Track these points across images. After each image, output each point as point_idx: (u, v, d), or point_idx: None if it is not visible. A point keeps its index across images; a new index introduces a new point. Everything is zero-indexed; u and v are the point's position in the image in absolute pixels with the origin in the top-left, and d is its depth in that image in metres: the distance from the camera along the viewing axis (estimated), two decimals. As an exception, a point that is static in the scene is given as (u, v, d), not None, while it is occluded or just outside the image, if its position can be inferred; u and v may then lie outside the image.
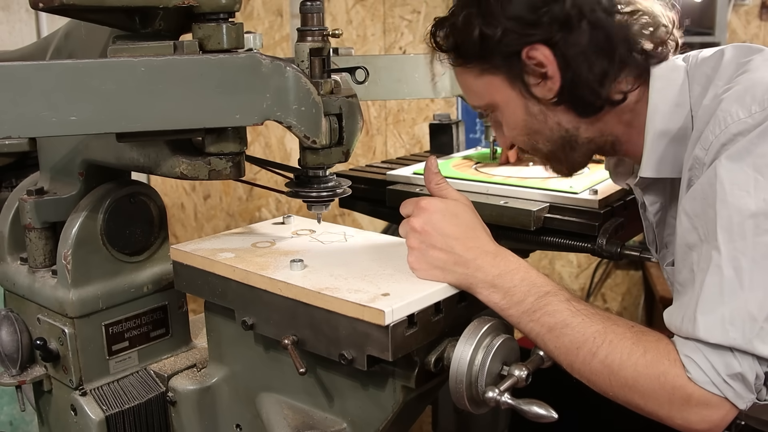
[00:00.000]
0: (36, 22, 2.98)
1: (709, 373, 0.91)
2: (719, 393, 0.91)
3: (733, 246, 0.92)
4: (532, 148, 1.23)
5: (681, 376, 0.92)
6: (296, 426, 1.13)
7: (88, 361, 1.24)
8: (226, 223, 3.68)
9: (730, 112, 0.98)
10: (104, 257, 1.25)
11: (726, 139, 0.97)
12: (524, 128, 1.20)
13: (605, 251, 1.33)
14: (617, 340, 0.96)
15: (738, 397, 0.91)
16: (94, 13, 1.02)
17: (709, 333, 0.91)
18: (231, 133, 1.04)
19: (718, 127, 0.99)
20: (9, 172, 1.67)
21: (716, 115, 0.99)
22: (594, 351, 0.97)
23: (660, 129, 1.13)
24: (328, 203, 1.18)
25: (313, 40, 1.10)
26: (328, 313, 0.99)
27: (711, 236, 0.95)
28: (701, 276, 0.94)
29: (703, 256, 0.96)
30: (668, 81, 1.13)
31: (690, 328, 0.93)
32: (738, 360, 0.90)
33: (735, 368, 0.90)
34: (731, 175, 0.94)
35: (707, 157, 0.99)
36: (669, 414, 0.94)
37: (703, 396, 0.91)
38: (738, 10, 2.93)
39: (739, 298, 0.91)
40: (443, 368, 1.03)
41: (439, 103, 3.38)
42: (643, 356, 0.94)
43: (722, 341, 0.90)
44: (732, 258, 0.92)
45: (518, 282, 1.03)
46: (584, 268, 3.35)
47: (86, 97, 0.91)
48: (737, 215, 0.92)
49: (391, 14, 3.41)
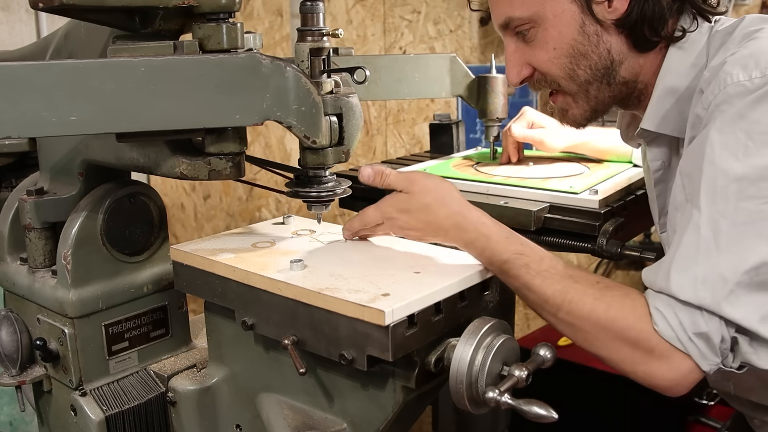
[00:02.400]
0: (36, 22, 2.98)
1: (675, 328, 0.92)
2: (682, 348, 0.92)
3: (715, 208, 0.93)
4: (568, 75, 1.17)
5: (646, 330, 0.94)
6: (296, 426, 1.13)
7: (88, 361, 1.24)
8: (226, 223, 3.68)
9: (731, 74, 0.99)
10: (104, 257, 1.25)
11: (722, 99, 0.98)
12: (570, 48, 1.15)
13: (605, 251, 1.33)
14: (578, 297, 0.99)
15: (702, 356, 0.92)
16: (94, 13, 1.02)
17: (680, 290, 0.92)
18: (231, 133, 1.04)
19: (717, 87, 0.99)
20: (9, 172, 1.66)
21: (718, 75, 1.00)
22: (555, 312, 1.01)
23: (669, 85, 1.14)
24: (328, 203, 1.18)
25: (313, 40, 1.10)
26: (328, 313, 0.99)
27: (694, 196, 0.96)
28: (680, 234, 0.96)
29: (685, 215, 0.97)
30: (691, 42, 1.14)
31: (663, 283, 0.94)
32: (705, 320, 0.92)
33: (701, 327, 0.91)
34: (722, 138, 0.95)
35: (705, 116, 1.00)
36: (632, 367, 0.96)
37: (667, 349, 0.93)
38: (738, 10, 2.93)
39: (713, 259, 0.92)
40: (443, 368, 1.03)
41: (439, 103, 3.38)
42: (605, 312, 0.97)
43: (691, 299, 0.92)
44: (712, 219, 0.93)
45: (479, 252, 1.07)
46: (584, 268, 3.35)
47: (86, 97, 0.91)
48: (722, 177, 0.93)
49: (391, 14, 3.41)
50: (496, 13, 1.20)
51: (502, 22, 1.19)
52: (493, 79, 1.76)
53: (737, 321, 0.92)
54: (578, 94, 1.19)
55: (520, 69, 1.20)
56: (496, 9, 1.20)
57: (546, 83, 1.21)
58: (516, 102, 2.11)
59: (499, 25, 1.21)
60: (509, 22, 1.18)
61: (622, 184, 1.48)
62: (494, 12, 1.21)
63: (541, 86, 1.22)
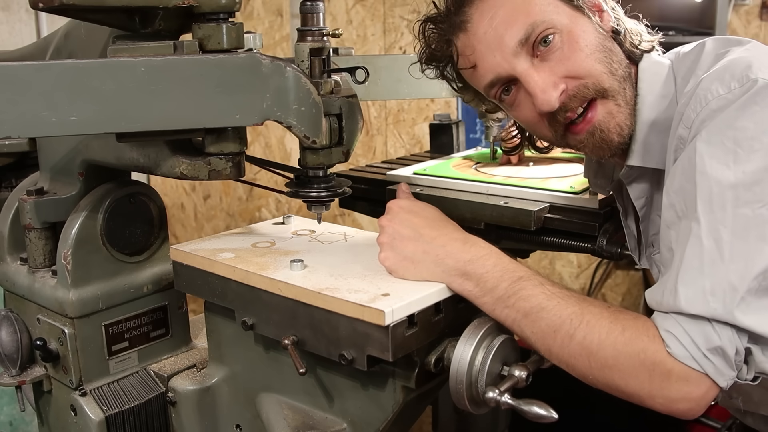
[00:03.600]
0: (36, 22, 2.98)
1: (689, 348, 0.90)
2: (699, 368, 0.90)
3: (713, 217, 0.92)
4: (608, 70, 1.12)
5: (660, 351, 0.91)
6: (296, 426, 1.13)
7: (88, 361, 1.24)
8: (226, 223, 3.68)
9: (710, 90, 0.99)
10: (104, 257, 1.25)
11: (706, 115, 0.98)
12: (599, 45, 1.13)
13: (605, 251, 1.33)
14: (594, 320, 0.96)
15: (718, 373, 0.90)
16: (94, 13, 1.02)
17: (690, 304, 0.90)
18: (231, 133, 1.04)
19: (699, 104, 0.99)
20: (9, 172, 1.66)
21: (696, 94, 1.00)
22: (572, 333, 0.96)
23: (647, 118, 1.14)
24: (328, 203, 1.18)
25: (313, 40, 1.10)
26: (328, 313, 0.99)
27: (690, 209, 0.95)
28: (681, 249, 0.94)
29: (682, 230, 0.96)
30: (654, 74, 1.15)
31: (671, 300, 0.92)
32: (717, 333, 0.90)
33: (715, 341, 0.89)
34: (711, 149, 0.95)
35: (690, 134, 1.00)
36: (650, 393, 0.93)
37: (683, 371, 0.90)
38: (738, 10, 2.92)
39: (720, 269, 0.90)
40: (443, 368, 1.03)
41: (439, 103, 3.38)
42: (621, 334, 0.94)
43: (703, 312, 0.90)
44: (712, 229, 0.92)
45: (490, 268, 1.02)
46: (584, 268, 3.35)
47: (86, 97, 0.91)
48: (717, 186, 0.93)
49: (391, 14, 3.41)
50: (510, 34, 1.11)
51: (522, 37, 1.10)
52: (493, 79, 1.75)
53: (751, 328, 0.90)
54: (620, 94, 1.13)
55: (556, 84, 1.10)
56: (508, 30, 1.11)
57: (587, 89, 1.11)
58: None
59: (514, 46, 1.11)
60: (530, 32, 1.10)
61: (622, 184, 1.48)
62: (507, 34, 1.11)
63: (578, 101, 1.12)
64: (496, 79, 1.15)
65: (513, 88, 1.16)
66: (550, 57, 1.11)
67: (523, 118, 1.20)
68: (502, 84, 1.16)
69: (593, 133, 1.14)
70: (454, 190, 1.52)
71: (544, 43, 1.10)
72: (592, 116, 1.13)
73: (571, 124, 1.14)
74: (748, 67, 0.98)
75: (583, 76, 1.11)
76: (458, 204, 1.41)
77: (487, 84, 1.17)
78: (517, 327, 1.01)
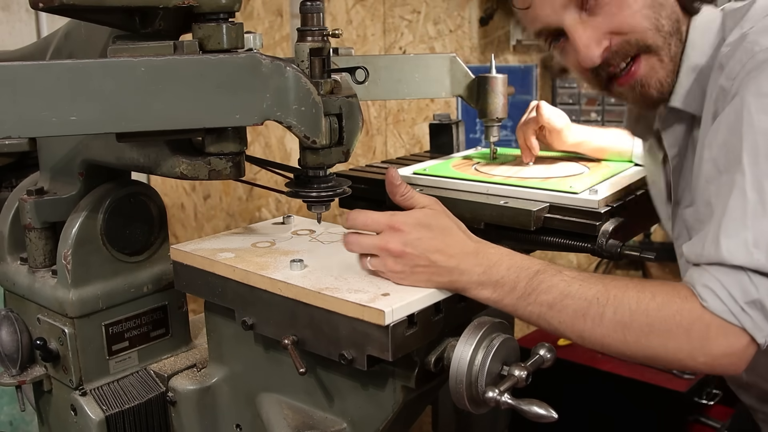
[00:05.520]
0: (36, 22, 2.98)
1: (726, 301, 0.89)
2: (737, 322, 0.89)
3: (758, 169, 0.91)
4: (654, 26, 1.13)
5: (696, 308, 0.91)
6: (296, 426, 1.13)
7: (88, 361, 1.24)
8: (226, 223, 3.68)
9: (757, 42, 0.99)
10: (104, 257, 1.25)
11: (752, 66, 0.97)
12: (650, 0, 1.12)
13: (605, 251, 1.33)
14: (621, 293, 0.95)
15: (756, 327, 0.89)
16: (94, 13, 1.02)
17: (732, 255, 0.90)
18: (231, 133, 1.04)
19: (745, 56, 0.99)
20: (9, 172, 1.66)
21: (743, 46, 1.00)
22: (601, 312, 0.95)
23: (694, 63, 1.14)
24: (328, 203, 1.18)
25: (313, 40, 1.09)
26: (328, 313, 0.99)
27: (735, 162, 0.94)
28: (723, 200, 0.93)
29: (724, 183, 0.95)
30: (705, 23, 1.15)
31: (712, 251, 0.91)
32: (755, 285, 0.89)
33: (752, 294, 0.89)
34: (759, 101, 0.94)
35: (734, 86, 0.99)
36: (690, 353, 0.92)
37: (722, 326, 0.90)
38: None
39: (763, 222, 0.90)
40: (443, 368, 1.03)
41: (439, 103, 3.38)
42: (652, 300, 0.93)
43: (746, 263, 0.89)
44: (756, 181, 0.91)
45: (505, 272, 1.01)
46: (584, 268, 3.35)
47: (86, 97, 0.91)
48: (764, 139, 0.92)
49: (391, 14, 3.41)
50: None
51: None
52: (493, 79, 1.75)
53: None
54: (663, 50, 1.14)
55: (600, 40, 1.13)
56: None
57: (630, 46, 1.13)
58: (516, 102, 2.11)
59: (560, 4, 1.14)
60: None
61: (622, 183, 1.48)
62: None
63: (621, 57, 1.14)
64: (545, 29, 1.18)
65: (561, 38, 1.18)
66: (598, 11, 1.13)
67: (570, 65, 1.22)
68: (551, 33, 1.18)
69: (634, 87, 1.17)
70: (454, 190, 1.52)
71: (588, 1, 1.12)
72: (635, 70, 1.15)
73: (614, 76, 1.16)
74: None
75: (627, 31, 1.13)
76: (458, 204, 1.41)
77: (537, 31, 1.20)
78: (543, 321, 1.00)
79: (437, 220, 1.05)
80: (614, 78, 1.17)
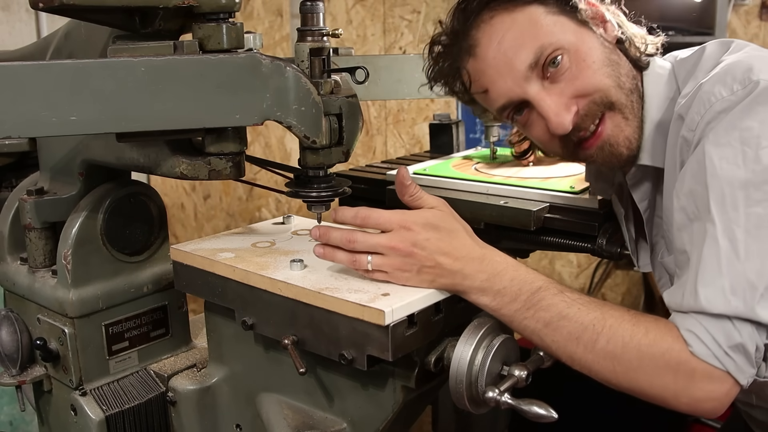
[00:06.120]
0: (36, 22, 2.98)
1: (710, 346, 0.91)
2: (721, 366, 0.91)
3: (727, 217, 0.93)
4: (616, 83, 1.14)
5: (684, 351, 0.92)
6: (296, 426, 1.13)
7: (88, 361, 1.24)
8: (226, 223, 3.68)
9: (713, 92, 1.01)
10: (104, 257, 1.25)
11: (711, 117, 1.00)
12: (605, 59, 1.14)
13: (605, 251, 1.33)
14: (617, 324, 0.96)
15: (739, 370, 0.91)
16: (94, 13, 1.02)
17: (711, 304, 0.91)
18: (231, 133, 1.04)
19: (702, 107, 1.01)
20: (9, 172, 1.67)
21: (699, 97, 1.02)
22: (594, 338, 0.96)
23: (656, 118, 1.16)
24: (328, 203, 1.18)
25: (313, 40, 1.09)
26: (328, 313, 0.99)
27: (704, 211, 0.96)
28: (698, 250, 0.95)
29: (696, 232, 0.97)
30: (657, 76, 1.18)
31: (691, 301, 0.93)
32: (738, 330, 0.91)
33: (735, 338, 0.90)
34: (719, 150, 0.96)
35: (695, 137, 1.02)
36: (675, 394, 0.93)
37: (706, 370, 0.91)
38: (738, 10, 2.92)
39: (737, 268, 0.92)
40: (443, 368, 1.03)
41: (439, 103, 3.38)
42: (645, 336, 0.94)
43: (725, 311, 0.91)
44: (726, 229, 0.93)
45: (507, 283, 1.01)
46: (584, 268, 3.35)
47: (86, 97, 0.91)
48: (728, 187, 0.94)
49: (391, 14, 3.41)
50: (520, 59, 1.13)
51: (531, 61, 1.12)
52: (493, 79, 1.75)
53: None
54: (627, 107, 1.15)
55: (568, 105, 1.13)
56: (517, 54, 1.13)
57: (596, 105, 1.14)
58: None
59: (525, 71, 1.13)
60: (539, 55, 1.12)
61: (621, 184, 1.48)
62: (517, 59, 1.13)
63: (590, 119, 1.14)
64: (508, 103, 1.18)
65: (525, 110, 1.18)
66: (559, 78, 1.14)
67: (535, 136, 1.22)
68: (514, 106, 1.19)
69: (603, 148, 1.17)
70: (454, 190, 1.52)
71: (553, 65, 1.13)
72: (602, 130, 1.16)
73: (582, 140, 1.17)
74: (749, 69, 1.00)
75: (592, 92, 1.14)
76: (458, 204, 1.41)
77: (500, 107, 1.20)
78: (536, 337, 1.01)
79: (445, 221, 1.05)
80: (582, 141, 1.17)
